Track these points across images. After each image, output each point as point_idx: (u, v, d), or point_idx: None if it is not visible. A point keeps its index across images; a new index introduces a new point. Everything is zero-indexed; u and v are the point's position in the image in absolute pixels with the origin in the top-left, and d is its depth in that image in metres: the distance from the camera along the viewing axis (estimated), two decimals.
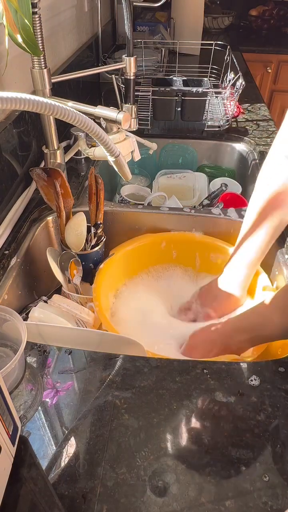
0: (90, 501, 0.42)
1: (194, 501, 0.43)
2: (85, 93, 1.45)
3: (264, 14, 2.71)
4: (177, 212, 0.94)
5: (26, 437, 0.48)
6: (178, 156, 1.27)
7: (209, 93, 1.29)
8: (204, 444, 0.48)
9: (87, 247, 0.83)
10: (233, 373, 0.56)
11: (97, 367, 0.56)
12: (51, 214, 0.91)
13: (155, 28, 1.98)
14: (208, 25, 2.59)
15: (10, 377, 0.51)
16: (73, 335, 0.63)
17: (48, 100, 0.41)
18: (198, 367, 0.56)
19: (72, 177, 1.03)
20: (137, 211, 0.94)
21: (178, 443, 0.48)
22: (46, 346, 0.60)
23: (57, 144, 0.91)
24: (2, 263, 0.76)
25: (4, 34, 0.65)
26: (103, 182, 0.83)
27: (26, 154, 0.93)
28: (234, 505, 0.42)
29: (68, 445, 0.47)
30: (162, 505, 0.42)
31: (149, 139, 1.06)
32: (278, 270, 0.82)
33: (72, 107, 0.60)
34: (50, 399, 0.52)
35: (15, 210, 0.86)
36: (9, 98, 0.36)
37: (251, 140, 1.23)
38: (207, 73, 1.50)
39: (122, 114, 0.71)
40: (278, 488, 0.44)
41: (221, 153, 1.29)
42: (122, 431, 0.48)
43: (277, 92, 2.56)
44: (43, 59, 0.79)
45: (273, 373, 0.56)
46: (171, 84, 1.32)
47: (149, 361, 0.57)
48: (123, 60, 0.86)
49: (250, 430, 0.49)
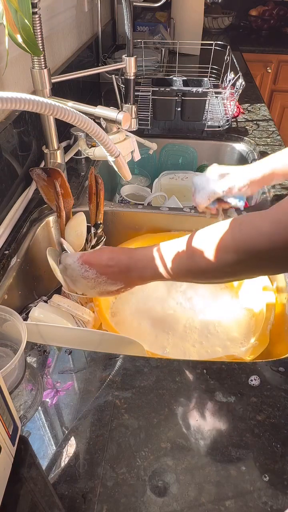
0: (90, 501, 0.42)
1: (194, 501, 0.43)
2: (85, 93, 1.45)
3: (264, 14, 2.71)
4: (177, 212, 0.94)
5: (26, 437, 0.48)
6: (178, 156, 1.27)
7: (209, 93, 1.29)
8: (204, 444, 0.48)
9: (87, 247, 0.83)
10: (233, 373, 0.56)
11: (97, 367, 0.57)
12: (51, 214, 0.91)
13: (155, 28, 1.98)
14: (208, 25, 2.59)
15: (10, 377, 0.51)
16: (73, 335, 0.63)
17: (48, 100, 0.41)
18: (198, 367, 0.56)
19: (72, 177, 1.03)
20: (137, 211, 0.94)
21: (178, 443, 0.48)
22: (46, 346, 0.60)
23: (57, 144, 0.91)
24: (2, 263, 0.76)
25: (4, 34, 0.65)
26: (103, 182, 0.83)
27: (26, 154, 0.93)
28: (234, 505, 0.42)
29: (68, 445, 0.47)
30: (162, 505, 0.42)
31: (149, 139, 1.07)
32: None
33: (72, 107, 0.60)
34: (50, 399, 0.52)
35: (15, 210, 0.86)
36: (9, 98, 0.36)
37: (251, 140, 1.23)
38: (207, 73, 1.50)
39: (122, 114, 0.71)
40: (278, 488, 0.44)
41: (221, 153, 1.29)
42: (122, 431, 0.48)
43: (277, 92, 2.56)
44: (43, 59, 0.79)
45: (273, 373, 0.56)
46: (171, 84, 1.32)
47: (149, 361, 0.57)
48: (123, 60, 0.86)
49: (250, 430, 0.49)
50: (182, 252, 0.57)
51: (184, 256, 0.57)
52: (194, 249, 0.56)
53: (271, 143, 1.22)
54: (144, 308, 0.83)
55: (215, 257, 0.52)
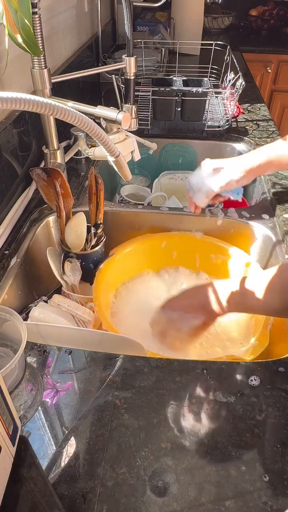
0: (90, 501, 0.42)
1: (194, 501, 0.43)
2: (85, 93, 1.45)
3: (264, 14, 2.71)
4: (177, 212, 0.94)
5: (26, 437, 0.48)
6: (178, 156, 1.27)
7: (209, 93, 1.29)
8: (204, 444, 0.48)
9: (87, 247, 0.83)
10: (233, 373, 0.56)
11: (97, 367, 0.57)
12: (51, 214, 0.91)
13: (155, 28, 1.97)
14: (208, 25, 2.59)
15: (10, 377, 0.51)
16: (73, 335, 0.63)
17: (48, 100, 0.41)
18: (198, 367, 0.56)
19: (72, 177, 1.03)
20: (137, 211, 0.94)
21: (178, 443, 0.48)
22: (46, 346, 0.60)
23: (57, 144, 0.91)
24: (2, 263, 0.76)
25: (4, 34, 0.65)
26: (103, 182, 0.83)
27: (26, 154, 0.93)
28: (234, 505, 0.42)
29: (68, 445, 0.47)
30: (162, 505, 0.42)
31: (149, 139, 1.07)
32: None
33: (72, 107, 0.60)
34: (50, 399, 0.52)
35: (15, 210, 0.86)
36: (9, 98, 0.36)
37: (251, 140, 1.23)
38: (207, 73, 1.50)
39: (122, 114, 0.71)
40: (278, 488, 0.44)
41: (221, 153, 1.29)
42: (122, 431, 0.48)
43: (277, 92, 2.56)
44: (43, 59, 0.79)
45: (273, 373, 0.56)
46: (171, 84, 1.32)
47: (149, 361, 0.57)
48: (123, 60, 0.86)
49: (250, 430, 0.49)
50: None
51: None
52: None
53: (271, 143, 1.22)
54: (144, 308, 0.83)
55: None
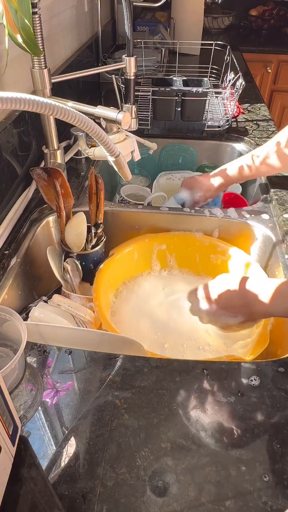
0: (90, 501, 0.42)
1: (194, 501, 0.43)
2: (85, 93, 1.45)
3: (264, 14, 2.71)
4: (177, 212, 0.94)
5: (26, 437, 0.48)
6: (178, 156, 1.27)
7: (209, 93, 1.29)
8: (204, 444, 0.48)
9: (87, 247, 0.83)
10: (233, 373, 0.56)
11: (97, 367, 0.56)
12: (51, 214, 0.91)
13: (155, 28, 1.97)
14: (208, 25, 2.59)
15: (10, 377, 0.51)
16: (73, 335, 0.63)
17: (48, 100, 0.41)
18: (198, 367, 0.56)
19: (72, 177, 1.03)
20: (137, 211, 0.94)
21: (178, 443, 0.48)
22: (46, 346, 0.60)
23: (57, 144, 0.91)
24: (2, 263, 0.76)
25: (4, 34, 0.65)
26: (103, 182, 0.83)
27: (26, 154, 0.93)
28: (234, 505, 0.42)
29: (68, 445, 0.47)
30: (162, 505, 0.42)
31: (149, 139, 1.06)
32: (277, 270, 0.82)
33: (72, 107, 0.60)
34: (50, 399, 0.52)
35: (15, 210, 0.86)
36: (9, 98, 0.36)
37: (251, 140, 1.23)
38: (207, 73, 1.50)
39: (122, 114, 0.71)
40: (278, 488, 0.44)
41: (221, 153, 1.29)
42: (122, 431, 0.48)
43: (277, 92, 2.56)
44: (43, 59, 0.79)
45: (273, 373, 0.56)
46: (171, 84, 1.32)
47: (149, 361, 0.57)
48: (123, 60, 0.86)
49: (250, 430, 0.49)
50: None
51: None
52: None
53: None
54: (144, 308, 0.83)
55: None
